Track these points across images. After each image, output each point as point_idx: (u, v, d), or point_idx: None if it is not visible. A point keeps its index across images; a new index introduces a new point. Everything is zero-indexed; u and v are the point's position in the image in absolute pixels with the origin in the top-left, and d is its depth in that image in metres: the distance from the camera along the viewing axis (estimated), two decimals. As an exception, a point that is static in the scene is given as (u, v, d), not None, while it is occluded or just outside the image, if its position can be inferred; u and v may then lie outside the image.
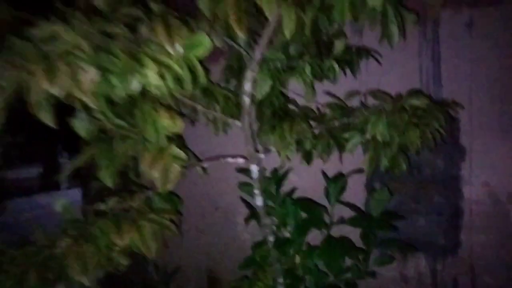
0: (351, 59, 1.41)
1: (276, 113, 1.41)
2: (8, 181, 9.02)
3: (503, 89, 2.25)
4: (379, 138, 1.07)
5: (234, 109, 1.34)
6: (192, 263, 2.61)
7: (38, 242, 1.06)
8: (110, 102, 0.82)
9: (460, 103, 2.30)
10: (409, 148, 1.10)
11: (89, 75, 0.70)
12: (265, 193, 1.31)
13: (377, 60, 1.50)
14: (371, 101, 1.30)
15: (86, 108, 0.76)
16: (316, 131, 1.32)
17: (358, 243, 1.33)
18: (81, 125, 0.88)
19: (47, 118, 0.72)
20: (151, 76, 0.74)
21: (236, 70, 1.44)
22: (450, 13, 1.97)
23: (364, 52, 1.46)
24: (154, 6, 0.83)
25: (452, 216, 2.36)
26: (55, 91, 0.66)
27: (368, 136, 1.08)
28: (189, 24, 0.85)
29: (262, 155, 1.23)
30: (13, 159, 9.49)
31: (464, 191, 2.34)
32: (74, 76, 0.68)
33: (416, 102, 1.04)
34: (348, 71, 1.36)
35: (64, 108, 0.80)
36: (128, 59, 0.73)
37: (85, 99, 0.72)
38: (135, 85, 0.76)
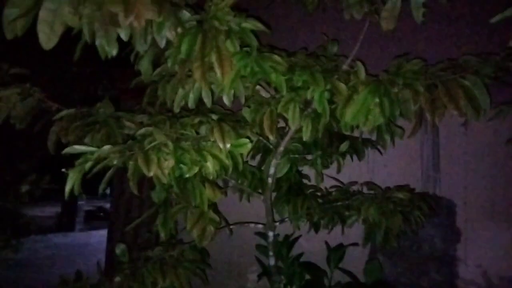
0: (358, 148, 1.75)
1: (292, 188, 1.73)
2: (28, 218, 9.30)
3: (495, 180, 2.54)
4: (370, 219, 1.37)
5: (258, 184, 1.67)
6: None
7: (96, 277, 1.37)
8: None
9: (456, 189, 2.59)
10: (394, 230, 1.39)
11: (169, 163, 1.05)
12: (277, 255, 1.60)
13: (379, 151, 1.83)
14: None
15: (160, 182, 1.11)
16: (323, 206, 1.62)
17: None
18: (157, 195, 1.23)
19: (135, 188, 1.06)
20: (209, 167, 1.09)
21: (261, 151, 1.79)
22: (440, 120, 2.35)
23: (369, 143, 1.79)
24: (213, 115, 1.21)
25: (448, 293, 2.54)
26: (148, 173, 1.01)
27: (362, 216, 1.39)
28: (236, 128, 1.22)
29: (277, 223, 1.53)
30: (36, 198, 9.88)
31: (459, 270, 2.54)
32: (160, 164, 1.03)
33: (399, 194, 1.35)
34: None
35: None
36: (195, 154, 1.08)
37: (162, 179, 1.07)
38: (196, 170, 1.11)
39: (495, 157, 2.58)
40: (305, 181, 1.82)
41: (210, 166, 1.09)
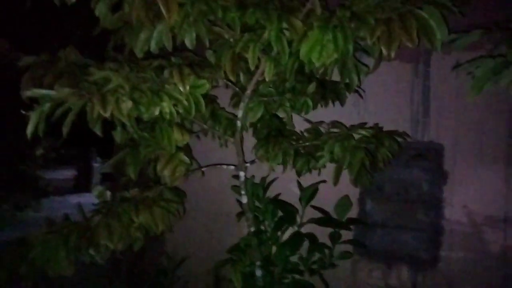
0: (339, 92, 1.76)
1: (270, 134, 1.78)
2: (45, 181, 9.70)
3: (484, 122, 2.53)
4: (335, 156, 1.42)
5: (234, 129, 1.72)
6: (198, 256, 2.98)
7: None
8: (138, 121, 1.23)
9: (445, 133, 2.61)
10: (365, 166, 1.43)
11: (127, 105, 1.10)
12: (254, 196, 1.68)
13: (360, 95, 1.84)
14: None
15: (122, 124, 1.17)
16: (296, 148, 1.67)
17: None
18: (118, 134, 1.30)
19: (98, 129, 1.13)
20: (166, 107, 1.14)
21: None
22: (439, 55, 2.33)
23: (349, 87, 1.80)
24: (174, 59, 1.24)
25: (433, 233, 2.63)
26: (106, 114, 1.06)
27: (327, 154, 1.43)
28: (196, 71, 1.26)
29: (248, 164, 1.60)
30: (51, 161, 10.26)
31: (445, 211, 2.61)
32: (118, 105, 1.09)
33: (362, 131, 1.39)
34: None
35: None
36: (152, 95, 1.13)
37: (122, 119, 1.12)
38: (156, 111, 1.16)
39: (486, 101, 2.55)
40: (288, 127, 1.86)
41: (166, 106, 1.14)
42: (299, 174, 1.65)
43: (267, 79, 1.34)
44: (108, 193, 1.50)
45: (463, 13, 1.16)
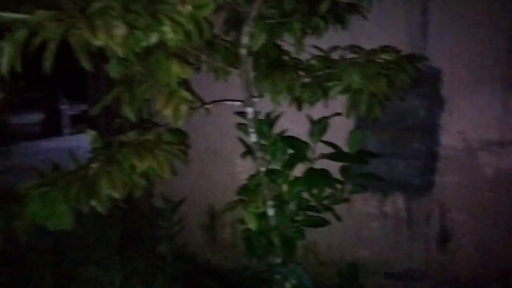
0: (341, 15, 1.57)
1: (271, 63, 1.60)
2: (13, 126, 9.21)
3: (484, 48, 2.43)
4: (354, 86, 1.28)
5: (233, 59, 1.53)
6: (195, 197, 2.92)
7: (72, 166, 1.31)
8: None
9: (443, 58, 2.49)
10: (379, 95, 1.31)
11: (120, 30, 0.89)
12: (259, 133, 1.55)
13: (364, 16, 1.66)
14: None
15: (117, 56, 0.97)
16: (305, 80, 1.52)
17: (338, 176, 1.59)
18: (113, 69, 1.09)
19: (85, 62, 0.92)
20: (168, 32, 0.94)
21: (235, 23, 1.61)
22: None
23: (353, 8, 1.62)
24: (168, -29, 1.01)
25: (428, 160, 2.64)
26: (96, 42, 0.86)
27: (345, 83, 1.29)
28: (197, -14, 1.03)
29: (256, 99, 1.44)
30: (17, 105, 9.65)
31: (440, 138, 2.60)
32: (109, 31, 0.88)
33: (385, 56, 1.24)
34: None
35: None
36: (150, 18, 0.92)
37: (116, 49, 0.92)
38: (154, 38, 0.96)
39: (486, 22, 2.43)
40: (286, 58, 1.68)
41: (169, 31, 0.94)
42: (300, 107, 1.52)
43: (279, -4, 1.14)
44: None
45: None
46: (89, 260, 2.22)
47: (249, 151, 1.59)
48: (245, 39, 1.31)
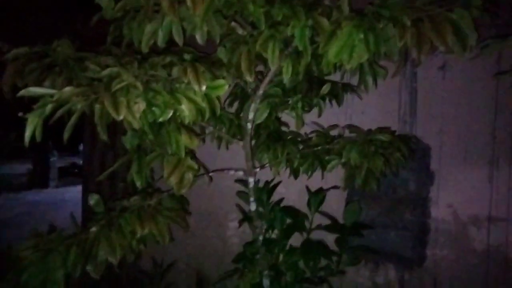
0: (337, 93, 1.70)
1: (271, 134, 1.69)
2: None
3: (469, 124, 2.58)
4: (352, 162, 1.35)
5: (236, 130, 1.62)
6: (185, 261, 2.85)
7: (71, 229, 1.31)
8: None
9: (432, 134, 2.62)
10: (375, 172, 1.39)
11: (140, 106, 0.97)
12: (258, 201, 1.58)
13: (359, 96, 1.79)
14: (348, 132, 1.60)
15: (132, 128, 1.03)
16: (304, 152, 1.59)
17: (334, 247, 1.60)
18: (128, 140, 1.15)
19: (104, 133, 0.98)
20: (185, 110, 1.02)
21: (239, 97, 1.72)
22: (426, 57, 2.31)
23: (348, 87, 1.75)
24: (186, 55, 1.11)
25: (419, 232, 2.66)
26: (118, 117, 0.92)
27: (344, 159, 1.37)
28: (211, 69, 1.13)
29: (258, 170, 1.50)
30: (5, 155, 9.56)
31: (431, 211, 2.65)
32: (130, 107, 0.95)
33: (381, 137, 1.33)
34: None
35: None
36: (168, 96, 1.00)
37: (133, 122, 0.99)
38: (170, 114, 1.03)
39: (471, 103, 2.61)
40: (284, 129, 1.78)
41: (186, 109, 1.01)
42: (296, 177, 1.58)
43: (285, 81, 1.24)
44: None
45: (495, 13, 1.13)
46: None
47: (246, 218, 1.61)
48: (251, 115, 1.40)
